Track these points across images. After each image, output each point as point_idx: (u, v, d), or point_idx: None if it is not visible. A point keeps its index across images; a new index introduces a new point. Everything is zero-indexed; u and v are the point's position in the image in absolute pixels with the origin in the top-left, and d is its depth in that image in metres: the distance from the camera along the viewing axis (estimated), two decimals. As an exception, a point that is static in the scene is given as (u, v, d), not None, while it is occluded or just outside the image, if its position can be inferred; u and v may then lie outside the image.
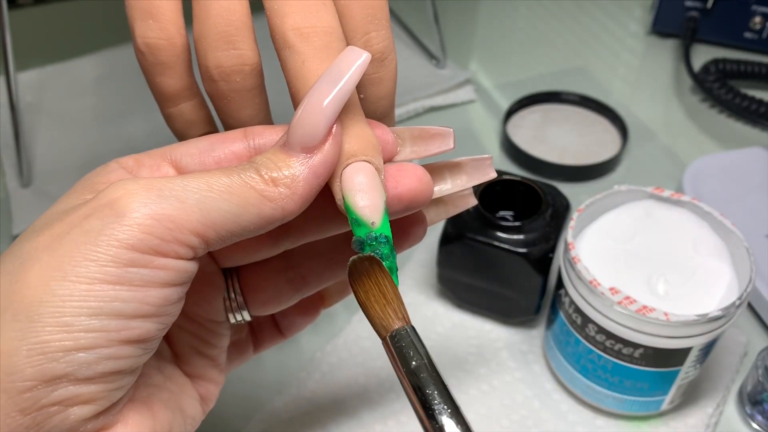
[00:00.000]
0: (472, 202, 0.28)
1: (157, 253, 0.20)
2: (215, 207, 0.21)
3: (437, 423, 0.18)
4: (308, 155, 0.22)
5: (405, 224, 0.26)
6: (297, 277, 0.27)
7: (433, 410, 0.18)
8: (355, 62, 0.22)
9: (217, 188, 0.21)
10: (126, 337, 0.20)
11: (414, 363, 0.19)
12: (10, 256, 0.20)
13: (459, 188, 0.26)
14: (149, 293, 0.20)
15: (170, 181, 0.21)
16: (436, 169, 0.26)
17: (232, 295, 0.27)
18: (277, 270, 0.27)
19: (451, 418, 0.18)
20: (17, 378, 0.19)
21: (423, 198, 0.23)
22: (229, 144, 0.24)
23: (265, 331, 0.31)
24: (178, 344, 0.27)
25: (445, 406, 0.19)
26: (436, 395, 0.19)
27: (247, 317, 0.27)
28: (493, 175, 0.26)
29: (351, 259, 0.22)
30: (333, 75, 0.21)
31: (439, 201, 0.28)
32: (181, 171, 0.24)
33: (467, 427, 0.19)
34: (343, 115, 0.22)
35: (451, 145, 0.25)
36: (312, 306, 0.31)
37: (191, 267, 0.21)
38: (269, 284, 0.27)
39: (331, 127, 0.22)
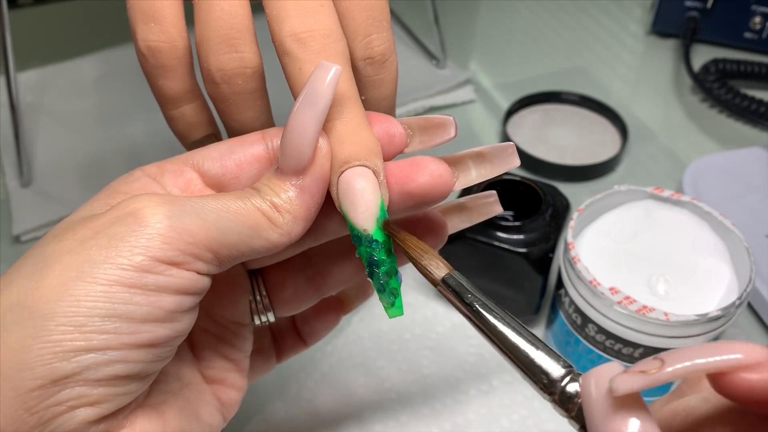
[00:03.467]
0: (498, 209, 0.28)
1: (173, 264, 0.20)
2: (231, 228, 0.21)
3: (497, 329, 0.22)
4: (300, 176, 0.22)
5: (426, 231, 0.26)
6: (317, 276, 0.28)
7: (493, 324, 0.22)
8: (326, 78, 0.22)
9: (233, 211, 0.21)
10: (137, 341, 0.20)
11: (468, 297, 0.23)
12: (32, 258, 0.21)
13: (483, 178, 0.25)
14: (162, 298, 0.20)
15: (190, 199, 0.21)
16: (459, 159, 0.25)
17: (258, 297, 0.27)
18: (297, 268, 0.28)
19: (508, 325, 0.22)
20: (27, 375, 0.19)
21: (437, 193, 0.23)
22: (248, 146, 0.24)
23: (286, 339, 0.31)
24: (202, 347, 0.27)
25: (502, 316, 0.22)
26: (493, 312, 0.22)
27: (272, 318, 0.28)
28: (517, 162, 0.25)
29: (386, 221, 0.24)
30: (308, 97, 0.22)
31: (463, 208, 0.28)
32: (203, 175, 0.24)
33: (528, 330, 0.22)
34: (336, 119, 0.22)
35: (453, 134, 0.25)
36: (333, 311, 0.31)
37: (204, 280, 0.22)
38: (290, 283, 0.27)
39: (315, 147, 0.22)
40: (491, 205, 0.28)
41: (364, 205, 0.22)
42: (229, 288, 0.26)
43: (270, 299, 0.28)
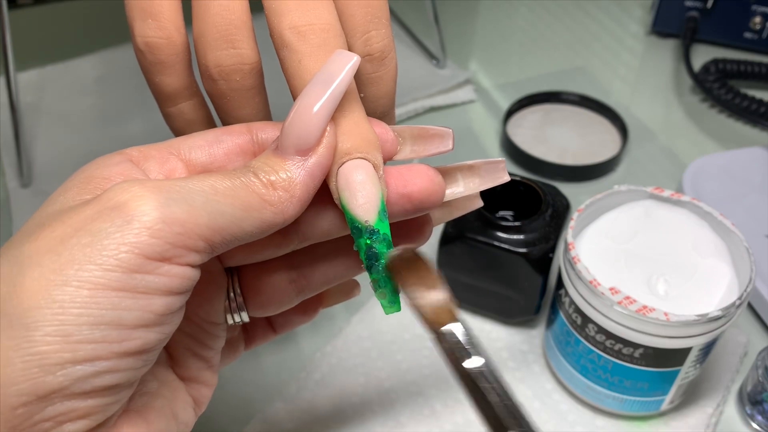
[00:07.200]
0: (478, 203, 0.28)
1: (164, 259, 0.19)
2: (220, 211, 0.20)
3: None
4: (303, 158, 0.22)
5: (411, 225, 0.26)
6: (300, 279, 0.27)
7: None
8: (345, 65, 0.22)
9: (221, 192, 0.20)
10: (126, 349, 0.19)
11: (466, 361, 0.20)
12: (6, 258, 0.19)
13: (471, 191, 0.25)
14: (153, 301, 0.19)
15: (176, 183, 0.20)
16: (449, 171, 0.25)
17: (232, 295, 0.26)
18: (279, 271, 0.27)
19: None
20: (12, 392, 0.18)
21: (434, 199, 0.23)
22: (235, 136, 0.24)
23: (257, 329, 0.30)
24: (175, 347, 0.26)
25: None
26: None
27: (246, 318, 0.27)
28: (507, 178, 0.25)
29: (389, 254, 0.22)
30: (324, 78, 0.21)
31: (445, 202, 0.28)
32: (190, 164, 0.23)
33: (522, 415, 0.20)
34: (339, 112, 0.22)
35: (450, 146, 0.24)
36: (311, 306, 0.30)
37: (195, 274, 0.21)
38: (270, 286, 0.27)
39: (325, 129, 0.22)
40: (472, 200, 0.28)
41: (365, 196, 0.22)
42: (206, 285, 0.25)
43: (246, 301, 0.27)
